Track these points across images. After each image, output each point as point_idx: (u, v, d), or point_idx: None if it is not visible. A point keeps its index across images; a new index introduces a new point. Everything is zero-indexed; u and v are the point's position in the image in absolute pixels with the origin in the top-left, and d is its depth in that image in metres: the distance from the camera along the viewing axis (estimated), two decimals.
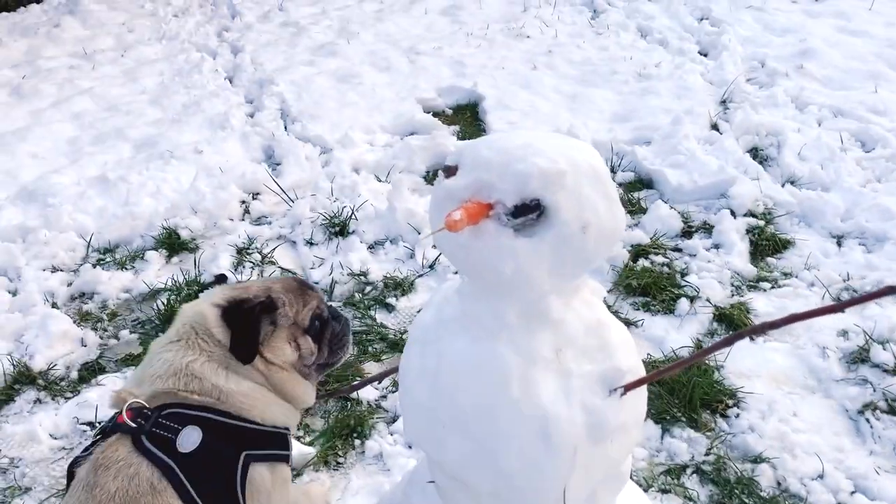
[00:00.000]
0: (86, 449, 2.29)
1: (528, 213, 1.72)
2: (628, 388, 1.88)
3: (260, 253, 4.78)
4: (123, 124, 6.51)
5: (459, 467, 1.97)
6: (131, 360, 3.95)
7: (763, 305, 4.30)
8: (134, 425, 2.23)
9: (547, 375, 1.86)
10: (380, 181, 5.57)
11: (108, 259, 4.83)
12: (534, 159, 1.72)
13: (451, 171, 1.83)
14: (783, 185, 5.39)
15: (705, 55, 7.92)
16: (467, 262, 1.80)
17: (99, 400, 3.64)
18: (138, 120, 6.63)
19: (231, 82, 7.51)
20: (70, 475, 2.28)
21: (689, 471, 3.27)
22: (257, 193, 5.48)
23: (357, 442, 3.43)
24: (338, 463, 3.35)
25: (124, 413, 2.26)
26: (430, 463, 2.19)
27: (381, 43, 8.36)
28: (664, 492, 3.17)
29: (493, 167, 1.75)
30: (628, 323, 4.18)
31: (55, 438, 3.54)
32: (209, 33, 8.87)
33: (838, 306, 1.63)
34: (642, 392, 2.03)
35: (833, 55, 7.54)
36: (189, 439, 2.22)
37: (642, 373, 1.97)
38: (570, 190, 1.72)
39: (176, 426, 2.23)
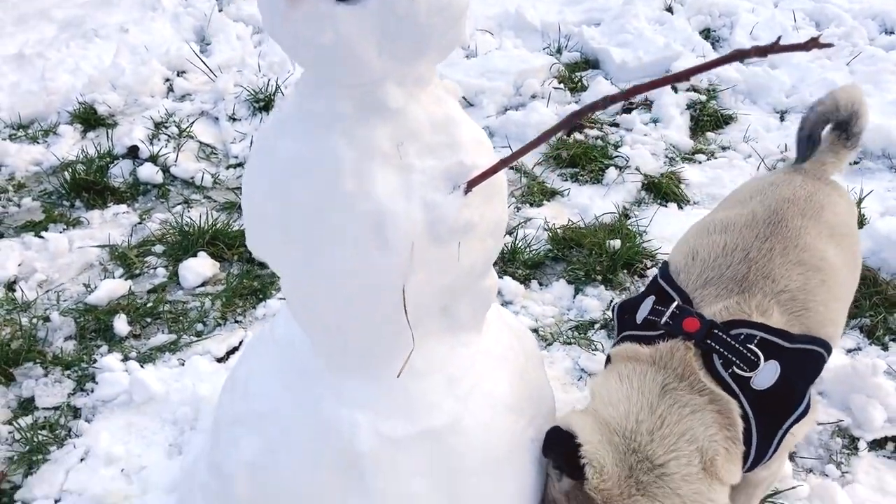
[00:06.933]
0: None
1: None
2: (472, 183, 1.73)
3: (178, 126, 4.57)
4: (49, 5, 6.18)
5: (295, 274, 1.84)
6: (31, 227, 3.79)
7: (695, 175, 4.18)
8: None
9: (385, 170, 1.70)
10: None
11: (20, 134, 4.61)
12: None
13: None
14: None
15: None
16: (286, 37, 1.62)
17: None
18: (66, 1, 6.29)
19: None
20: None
21: (596, 326, 3.17)
22: (183, 71, 5.23)
23: (260, 304, 3.31)
24: (236, 321, 3.23)
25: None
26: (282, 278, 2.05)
27: None
28: (567, 344, 3.08)
29: None
30: (554, 193, 4.05)
31: None
32: None
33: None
34: (499, 199, 1.90)
35: None
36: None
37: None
38: None
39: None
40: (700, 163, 4.30)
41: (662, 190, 4.00)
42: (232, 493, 2.17)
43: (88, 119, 4.65)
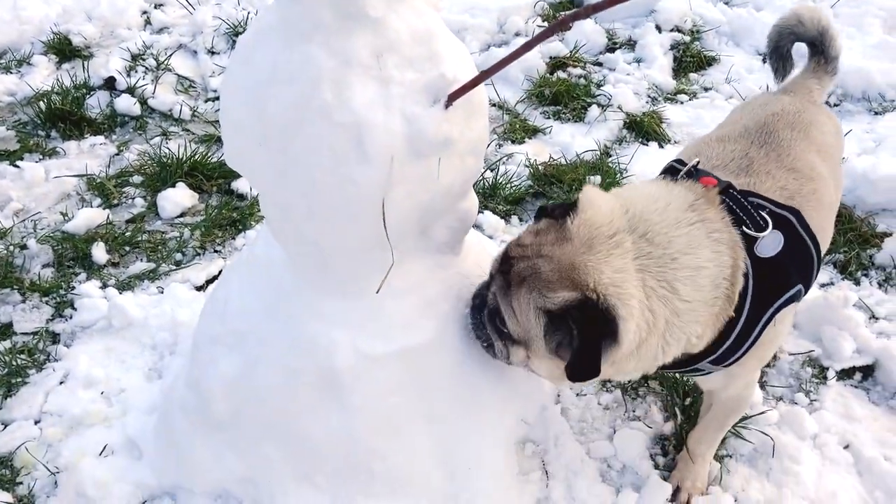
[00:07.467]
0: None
1: None
2: (452, 97, 1.72)
3: (155, 59, 4.49)
4: None
5: (274, 187, 1.83)
6: (6, 156, 3.73)
7: (677, 115, 4.17)
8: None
9: (364, 81, 1.69)
10: None
11: None
12: None
13: None
14: (715, 5, 5.16)
15: None
16: None
17: None
18: None
19: None
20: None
21: None
22: (160, 4, 5.11)
23: (239, 234, 3.30)
24: (216, 250, 3.22)
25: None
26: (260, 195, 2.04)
27: None
28: None
29: None
30: (536, 130, 4.04)
31: None
32: None
33: None
34: (479, 117, 1.88)
35: None
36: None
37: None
38: None
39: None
40: (682, 103, 4.30)
41: (644, 129, 3.99)
42: (211, 410, 2.19)
43: (63, 50, 4.56)
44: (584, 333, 1.71)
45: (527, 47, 1.59)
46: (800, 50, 2.69)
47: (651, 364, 1.88)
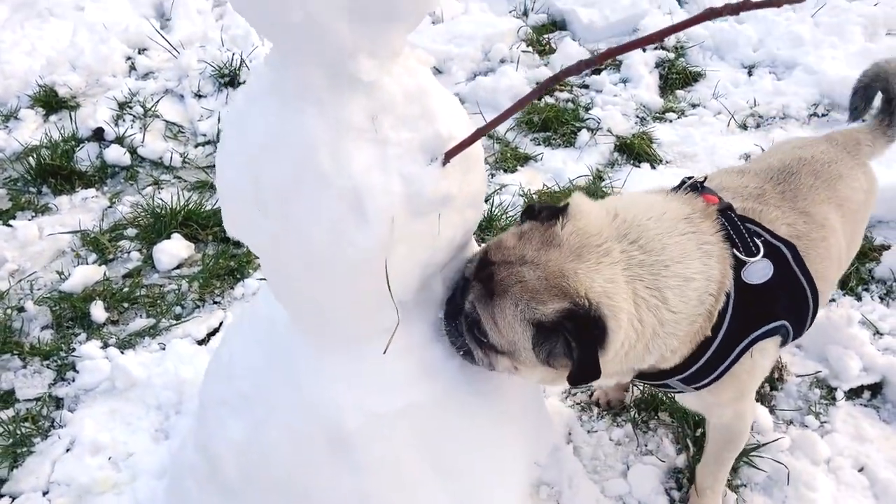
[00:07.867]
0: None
1: None
2: (449, 154, 1.72)
3: (143, 106, 4.48)
4: None
5: (274, 252, 1.82)
6: None
7: (666, 134, 4.18)
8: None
9: (360, 144, 1.68)
10: None
11: None
12: None
13: None
14: None
15: None
16: (256, 14, 1.58)
17: None
18: None
19: None
20: None
21: None
22: (144, 49, 5.12)
23: (238, 283, 3.28)
24: (215, 301, 3.21)
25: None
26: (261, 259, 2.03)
27: None
28: None
29: None
30: (527, 158, 4.04)
31: None
32: None
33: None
34: (477, 170, 1.88)
35: None
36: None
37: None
38: None
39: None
40: (671, 121, 4.31)
41: (635, 150, 4.01)
42: (220, 473, 2.17)
43: (50, 102, 4.55)
44: (581, 341, 1.70)
45: (520, 105, 1.59)
46: None
47: (630, 368, 1.90)
